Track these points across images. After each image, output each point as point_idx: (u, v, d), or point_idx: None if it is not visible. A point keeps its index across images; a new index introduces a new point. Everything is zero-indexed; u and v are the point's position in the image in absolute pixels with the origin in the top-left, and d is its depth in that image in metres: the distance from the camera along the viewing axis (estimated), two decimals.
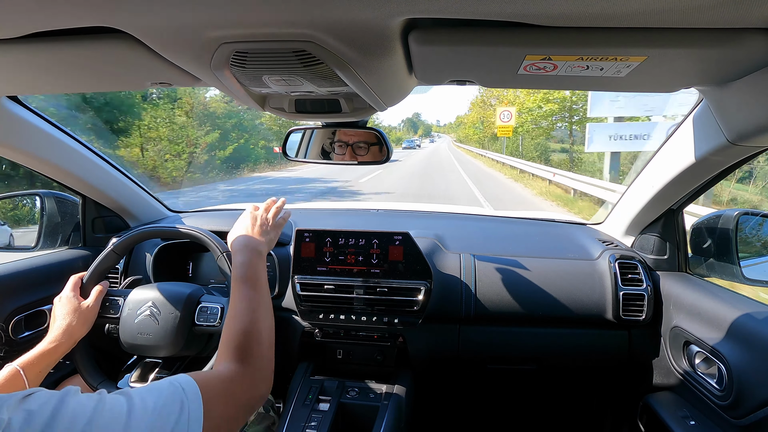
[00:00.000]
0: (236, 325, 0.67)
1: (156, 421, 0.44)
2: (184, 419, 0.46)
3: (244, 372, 0.61)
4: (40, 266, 1.20)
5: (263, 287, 0.76)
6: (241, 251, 0.81)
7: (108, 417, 0.41)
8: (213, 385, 0.55)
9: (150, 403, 0.45)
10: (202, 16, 0.46)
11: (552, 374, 1.45)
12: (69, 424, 0.38)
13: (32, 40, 0.56)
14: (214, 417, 0.50)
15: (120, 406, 0.43)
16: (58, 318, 0.90)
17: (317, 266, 1.13)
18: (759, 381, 0.79)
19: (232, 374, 0.60)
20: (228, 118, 18.83)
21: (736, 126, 0.72)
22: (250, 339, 0.66)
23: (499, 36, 0.52)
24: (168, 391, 0.48)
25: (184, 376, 0.51)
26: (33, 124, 1.01)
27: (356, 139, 1.06)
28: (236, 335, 0.66)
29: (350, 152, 1.06)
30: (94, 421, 0.40)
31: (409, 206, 1.80)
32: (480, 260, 1.22)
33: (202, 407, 0.48)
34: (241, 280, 0.75)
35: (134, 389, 0.48)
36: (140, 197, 1.46)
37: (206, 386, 0.52)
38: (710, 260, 1.07)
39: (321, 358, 1.28)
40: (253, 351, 0.65)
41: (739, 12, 0.44)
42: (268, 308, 0.74)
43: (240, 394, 0.58)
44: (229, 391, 0.57)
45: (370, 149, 1.05)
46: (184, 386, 0.49)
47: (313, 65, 0.57)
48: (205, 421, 0.48)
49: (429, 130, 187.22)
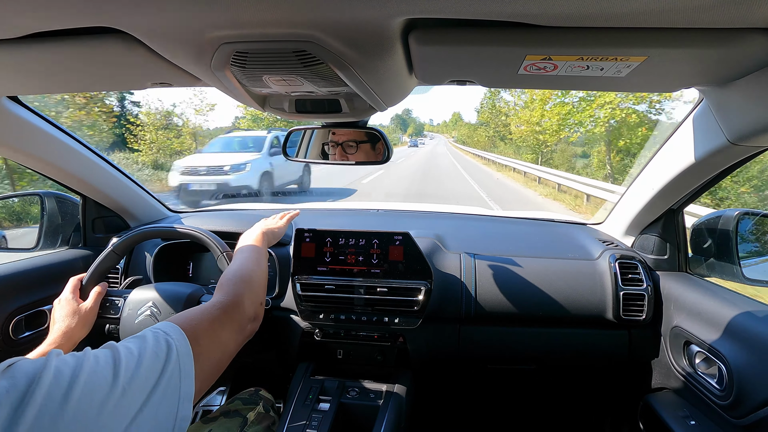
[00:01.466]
0: (230, 270, 0.77)
1: (145, 362, 0.44)
2: (173, 356, 0.46)
3: (230, 300, 0.67)
4: (41, 266, 1.20)
5: (260, 258, 0.86)
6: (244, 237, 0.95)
7: (95, 367, 0.41)
8: (195, 319, 0.57)
9: (135, 349, 0.45)
10: (202, 16, 0.46)
11: (552, 374, 1.45)
12: (53, 380, 0.37)
13: (32, 40, 0.56)
14: (204, 347, 0.53)
15: (105, 356, 0.43)
16: (58, 320, 0.90)
17: (317, 266, 1.13)
18: (759, 381, 0.79)
19: (217, 303, 0.64)
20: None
21: (736, 126, 0.72)
22: (239, 277, 0.74)
23: (500, 36, 0.52)
24: (151, 336, 0.48)
25: (162, 323, 0.52)
26: (33, 124, 1.01)
27: (356, 139, 1.06)
28: (228, 276, 0.74)
29: (350, 152, 1.06)
30: (80, 374, 0.39)
31: (409, 206, 1.80)
32: (480, 260, 1.22)
33: (188, 342, 0.50)
34: (238, 250, 0.87)
35: (119, 342, 0.48)
36: (140, 197, 1.46)
37: (187, 322, 0.54)
38: (710, 260, 1.06)
39: (321, 358, 1.28)
40: (240, 284, 0.72)
41: (739, 12, 0.44)
42: (260, 261, 0.85)
43: (228, 319, 0.62)
44: (215, 318, 0.60)
45: (370, 149, 1.05)
46: (164, 329, 0.50)
47: (314, 65, 0.57)
48: (196, 354, 0.49)
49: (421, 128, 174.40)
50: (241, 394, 1.10)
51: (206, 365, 0.52)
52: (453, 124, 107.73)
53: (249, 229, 1.00)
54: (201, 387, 0.50)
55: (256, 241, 0.93)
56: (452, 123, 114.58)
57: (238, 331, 0.65)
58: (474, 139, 40.38)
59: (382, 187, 11.16)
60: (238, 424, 0.99)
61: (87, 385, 0.38)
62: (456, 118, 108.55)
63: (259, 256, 0.87)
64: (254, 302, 0.72)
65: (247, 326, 0.68)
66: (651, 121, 12.66)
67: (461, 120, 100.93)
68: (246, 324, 0.68)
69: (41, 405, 0.35)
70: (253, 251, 0.88)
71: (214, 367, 0.56)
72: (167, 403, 0.43)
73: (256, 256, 0.86)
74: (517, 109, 22.94)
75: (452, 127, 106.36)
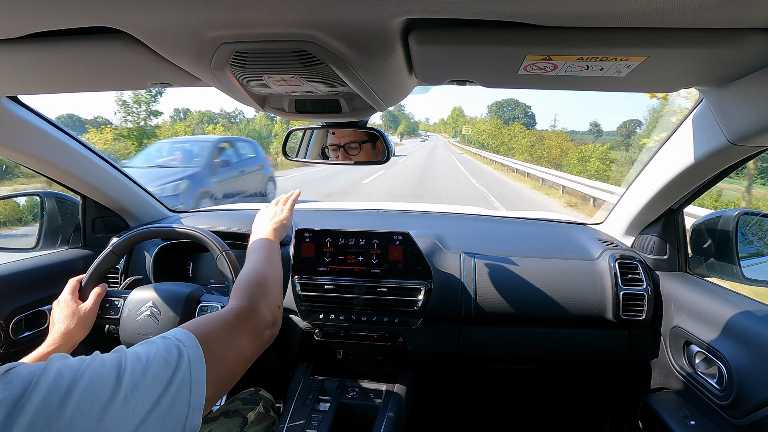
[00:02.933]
0: (244, 274, 0.74)
1: (153, 368, 0.42)
2: (184, 362, 0.45)
3: (248, 305, 0.64)
4: (41, 266, 1.20)
5: (274, 256, 0.84)
6: (255, 234, 0.93)
7: (98, 371, 0.39)
8: (208, 324, 0.55)
9: (143, 355, 0.43)
10: (202, 16, 0.46)
11: (552, 374, 1.45)
12: (52, 383, 0.36)
13: (32, 40, 0.56)
14: (217, 354, 0.51)
15: (111, 361, 0.41)
16: (57, 322, 0.90)
17: (317, 266, 1.13)
18: (759, 381, 0.79)
19: (234, 309, 0.63)
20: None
21: (736, 126, 0.72)
22: (256, 281, 0.72)
23: (499, 36, 0.52)
24: (161, 342, 0.46)
25: (175, 329, 0.51)
26: (33, 124, 1.01)
27: (356, 139, 1.06)
28: (243, 280, 0.72)
29: (350, 152, 1.06)
30: (81, 377, 0.38)
31: (409, 206, 1.80)
32: (480, 260, 1.22)
33: (201, 348, 0.48)
34: (251, 250, 0.85)
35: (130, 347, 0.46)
36: (140, 197, 1.46)
37: (200, 328, 0.52)
38: (710, 260, 1.06)
39: (321, 358, 1.28)
40: (257, 289, 0.69)
41: (739, 12, 0.44)
42: (277, 265, 0.82)
43: (243, 325, 0.61)
44: (230, 324, 0.58)
45: (370, 149, 1.05)
46: (176, 335, 0.48)
47: (313, 65, 0.57)
48: (209, 361, 0.48)
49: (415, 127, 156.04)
50: (240, 394, 1.10)
51: (220, 373, 0.50)
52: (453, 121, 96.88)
53: (257, 224, 0.98)
54: (214, 395, 0.49)
55: (268, 236, 0.90)
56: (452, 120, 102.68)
57: (256, 336, 0.62)
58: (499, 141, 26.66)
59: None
60: (238, 424, 0.99)
61: (87, 389, 0.37)
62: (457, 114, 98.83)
63: (272, 254, 0.84)
64: (271, 306, 0.69)
65: (264, 332, 0.65)
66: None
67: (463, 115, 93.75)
68: (264, 330, 0.65)
69: (37, 409, 0.34)
70: (266, 249, 0.85)
71: (228, 375, 0.53)
72: (176, 411, 0.42)
73: (269, 254, 0.84)
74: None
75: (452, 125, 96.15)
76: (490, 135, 31.04)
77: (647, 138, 16.08)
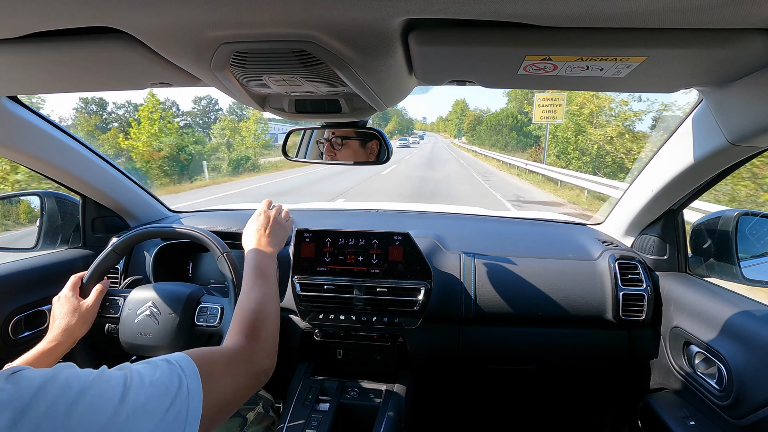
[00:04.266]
0: (245, 307, 0.72)
1: (155, 393, 0.43)
2: (183, 393, 0.45)
3: (250, 346, 0.65)
4: (40, 266, 1.20)
5: (272, 281, 0.82)
6: (252, 250, 0.87)
7: (104, 386, 0.40)
8: (212, 358, 0.56)
9: (147, 378, 0.44)
10: (202, 16, 0.46)
11: (552, 374, 1.45)
12: (60, 391, 0.37)
13: (32, 40, 0.56)
14: (215, 389, 0.51)
15: (117, 378, 0.42)
16: (58, 317, 0.90)
17: (317, 266, 1.13)
18: (759, 381, 0.79)
19: (237, 348, 0.63)
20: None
21: (736, 126, 0.72)
22: (258, 319, 0.70)
23: (499, 36, 0.52)
24: (166, 367, 0.47)
25: (179, 354, 0.51)
26: (33, 124, 1.01)
27: (355, 139, 1.06)
28: (245, 315, 0.71)
29: (349, 152, 1.06)
30: (88, 390, 0.38)
31: (408, 206, 1.80)
32: (480, 260, 1.22)
33: (201, 381, 0.48)
34: (251, 273, 0.81)
35: (133, 364, 0.47)
36: (140, 197, 1.46)
37: (203, 360, 0.53)
38: (710, 260, 1.06)
39: (321, 358, 1.28)
40: (259, 329, 0.69)
41: (739, 12, 0.44)
42: (275, 298, 0.79)
43: (244, 366, 0.61)
44: (232, 362, 0.59)
45: (369, 149, 1.05)
46: (179, 362, 0.49)
47: (313, 65, 0.57)
48: (207, 394, 0.48)
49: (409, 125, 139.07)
50: None
51: (215, 408, 0.50)
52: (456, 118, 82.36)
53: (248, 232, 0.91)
54: (207, 428, 0.48)
55: (264, 248, 0.86)
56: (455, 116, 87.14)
57: (254, 378, 0.62)
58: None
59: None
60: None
61: (93, 403, 0.38)
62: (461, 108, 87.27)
63: (272, 279, 0.81)
64: (270, 354, 0.69)
65: (261, 377, 0.65)
66: None
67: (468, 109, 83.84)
68: (261, 375, 0.65)
69: (44, 414, 0.35)
70: (265, 271, 0.81)
71: (221, 412, 0.54)
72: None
73: (270, 279, 0.81)
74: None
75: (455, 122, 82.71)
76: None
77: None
